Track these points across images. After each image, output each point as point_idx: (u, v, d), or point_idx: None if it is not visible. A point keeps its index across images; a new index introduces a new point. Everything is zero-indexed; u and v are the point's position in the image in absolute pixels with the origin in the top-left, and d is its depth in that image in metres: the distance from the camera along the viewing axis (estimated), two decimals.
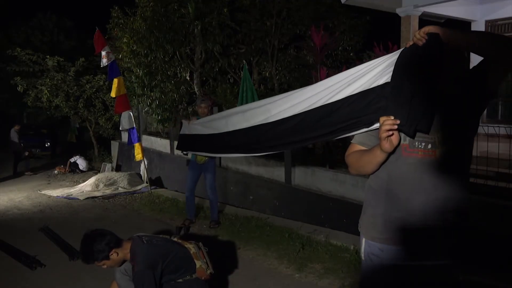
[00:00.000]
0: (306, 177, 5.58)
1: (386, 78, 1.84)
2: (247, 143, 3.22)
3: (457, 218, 1.70)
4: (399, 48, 5.70)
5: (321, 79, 4.95)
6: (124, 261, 2.93)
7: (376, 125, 1.82)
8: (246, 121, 3.19)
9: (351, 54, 9.66)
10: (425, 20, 7.08)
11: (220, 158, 7.38)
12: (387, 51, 4.45)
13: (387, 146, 1.63)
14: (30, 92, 12.70)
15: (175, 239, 3.18)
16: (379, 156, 1.70)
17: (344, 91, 2.15)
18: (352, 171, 1.92)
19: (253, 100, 6.63)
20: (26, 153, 11.63)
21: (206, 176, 5.42)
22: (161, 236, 3.21)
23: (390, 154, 1.70)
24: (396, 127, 1.61)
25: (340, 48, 9.33)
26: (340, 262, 3.90)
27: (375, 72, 1.96)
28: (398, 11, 6.64)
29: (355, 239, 4.38)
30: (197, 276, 2.98)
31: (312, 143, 2.59)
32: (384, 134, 1.61)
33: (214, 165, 5.46)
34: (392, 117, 1.63)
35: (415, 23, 6.57)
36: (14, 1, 23.19)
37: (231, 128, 3.43)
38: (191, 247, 3.08)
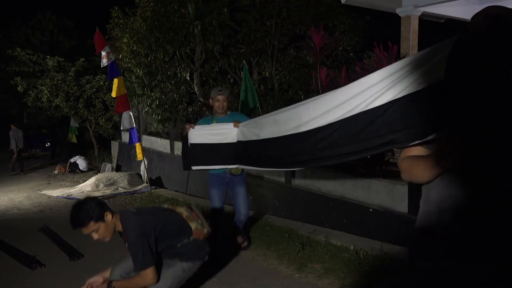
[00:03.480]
0: (306, 177, 5.58)
1: (441, 73, 1.50)
2: (274, 156, 2.98)
3: None
4: (399, 48, 5.72)
5: (321, 79, 4.96)
6: (114, 232, 2.76)
7: (432, 136, 1.53)
8: (277, 127, 2.90)
9: (351, 54, 9.67)
10: (425, 20, 7.09)
11: None
12: (387, 51, 4.45)
13: (446, 164, 1.37)
14: (30, 92, 12.70)
15: (165, 206, 3.14)
16: (434, 169, 1.42)
17: (387, 94, 1.82)
18: (405, 178, 1.60)
19: (253, 100, 6.61)
20: (14, 153, 11.66)
21: (238, 190, 4.22)
22: (150, 206, 3.15)
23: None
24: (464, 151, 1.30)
25: (340, 48, 9.34)
26: (340, 262, 3.89)
27: (427, 67, 1.63)
28: (398, 11, 6.65)
29: (355, 239, 4.38)
30: (194, 237, 2.93)
31: (349, 159, 2.33)
32: (450, 158, 1.33)
33: (245, 175, 4.33)
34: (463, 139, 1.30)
35: (415, 23, 6.58)
36: (14, 1, 23.20)
37: (263, 136, 3.14)
38: (182, 210, 3.01)
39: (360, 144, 2.08)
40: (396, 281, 3.39)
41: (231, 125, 3.79)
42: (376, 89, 1.91)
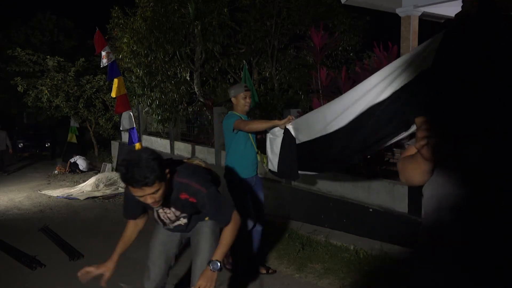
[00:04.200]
0: (306, 177, 5.58)
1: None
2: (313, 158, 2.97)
3: None
4: (399, 48, 5.71)
5: (321, 79, 4.95)
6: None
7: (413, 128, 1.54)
8: (308, 130, 2.94)
9: (351, 54, 9.67)
10: (425, 20, 7.09)
11: (220, 156, 7.37)
12: (387, 51, 4.44)
13: (425, 154, 1.28)
14: (30, 92, 12.70)
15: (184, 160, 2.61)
16: (422, 164, 1.33)
17: (388, 89, 1.88)
18: (401, 180, 1.51)
19: (253, 100, 6.60)
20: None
21: (259, 193, 3.77)
22: (172, 160, 2.41)
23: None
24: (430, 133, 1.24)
25: (340, 48, 9.34)
26: (340, 262, 3.89)
27: (419, 59, 1.64)
28: (398, 11, 6.64)
29: (355, 239, 4.38)
30: None
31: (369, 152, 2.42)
32: (420, 143, 1.26)
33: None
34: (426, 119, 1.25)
35: (415, 23, 6.57)
36: (14, 1, 23.21)
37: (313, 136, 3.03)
38: (199, 162, 2.62)
39: (368, 139, 2.17)
40: (396, 281, 3.39)
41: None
42: (383, 84, 1.95)
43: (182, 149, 8.77)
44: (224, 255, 2.21)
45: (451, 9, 6.60)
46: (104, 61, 7.62)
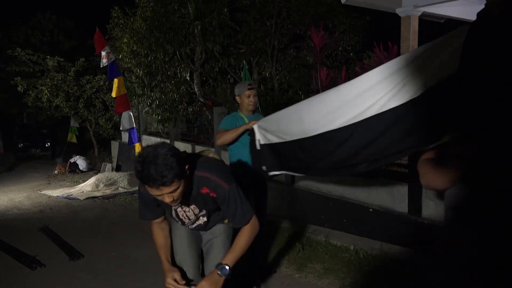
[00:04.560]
0: (306, 177, 5.58)
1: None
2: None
3: None
4: (399, 48, 5.72)
5: (321, 79, 4.95)
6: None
7: (445, 139, 1.38)
8: (283, 133, 2.77)
9: (351, 54, 9.66)
10: (425, 20, 7.08)
11: (220, 156, 7.36)
12: (387, 51, 4.45)
13: (461, 170, 1.20)
14: (30, 92, 12.70)
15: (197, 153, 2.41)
16: (452, 172, 1.26)
17: (403, 92, 1.62)
18: (423, 183, 1.40)
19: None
20: None
21: (262, 193, 3.79)
22: (187, 153, 2.22)
23: None
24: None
25: (340, 48, 9.33)
26: (340, 262, 3.89)
27: (441, 59, 1.45)
28: (398, 11, 6.64)
29: (355, 239, 4.38)
30: None
31: (366, 169, 2.13)
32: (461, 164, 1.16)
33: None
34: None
35: (415, 23, 6.57)
36: (14, 1, 23.22)
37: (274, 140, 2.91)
38: (213, 155, 2.42)
39: (376, 152, 1.88)
40: (396, 281, 3.39)
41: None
42: (390, 84, 1.70)
43: (182, 149, 8.71)
44: (235, 260, 2.07)
45: (451, 9, 6.61)
46: (104, 61, 7.62)
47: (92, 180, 8.80)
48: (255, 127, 3.29)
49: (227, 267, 2.04)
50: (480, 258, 1.27)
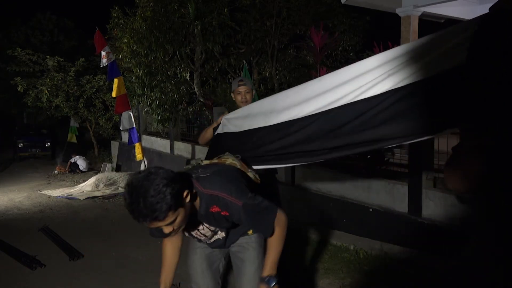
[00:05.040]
0: (306, 177, 5.58)
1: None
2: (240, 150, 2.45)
3: None
4: None
5: None
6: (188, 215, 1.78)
7: (448, 131, 1.37)
8: (251, 119, 2.53)
9: (351, 54, 9.66)
10: (425, 20, 7.09)
11: None
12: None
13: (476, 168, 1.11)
14: (30, 92, 12.71)
15: (207, 162, 2.17)
16: (471, 172, 1.17)
17: (386, 82, 1.60)
18: (450, 187, 1.27)
19: (253, 101, 6.61)
20: None
21: (272, 196, 3.50)
22: (189, 167, 2.07)
23: None
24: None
25: (340, 48, 9.33)
26: (340, 262, 3.89)
27: (441, 51, 1.44)
28: (398, 11, 6.64)
29: (355, 239, 4.38)
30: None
31: (326, 158, 2.05)
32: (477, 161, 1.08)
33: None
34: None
35: (415, 23, 6.58)
36: (14, 1, 23.22)
37: (247, 127, 2.63)
38: (231, 161, 2.18)
39: (340, 140, 1.83)
40: (396, 281, 3.39)
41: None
42: (371, 76, 1.67)
43: (182, 149, 8.77)
44: (276, 264, 1.89)
45: (451, 9, 6.61)
46: (104, 61, 7.62)
47: (92, 180, 8.81)
48: (222, 120, 3.07)
49: (273, 277, 1.86)
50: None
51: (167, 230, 1.66)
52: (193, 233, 2.01)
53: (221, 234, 2.03)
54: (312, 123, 1.97)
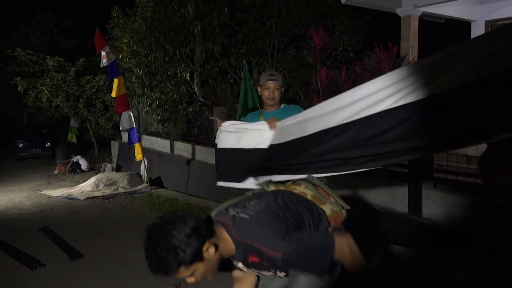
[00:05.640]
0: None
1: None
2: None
3: None
4: (399, 48, 5.71)
5: (321, 79, 4.95)
6: (221, 261, 1.63)
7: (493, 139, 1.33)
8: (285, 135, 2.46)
9: (351, 54, 9.65)
10: (425, 20, 7.09)
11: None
12: (387, 51, 4.44)
13: None
14: (30, 92, 12.71)
15: (273, 188, 1.99)
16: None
17: (419, 91, 1.54)
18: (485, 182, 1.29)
19: (253, 101, 6.61)
20: None
21: None
22: (249, 194, 1.92)
23: None
24: None
25: (340, 48, 9.32)
26: None
27: (480, 57, 1.39)
28: (398, 11, 6.64)
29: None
30: (333, 225, 1.99)
31: (362, 169, 2.06)
32: None
33: None
34: None
35: (415, 23, 6.57)
36: (14, 1, 23.22)
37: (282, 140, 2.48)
38: (303, 190, 1.97)
39: (375, 149, 1.80)
40: (396, 281, 3.39)
41: (265, 125, 2.78)
42: (403, 84, 1.62)
43: (182, 149, 8.77)
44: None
45: (451, 9, 6.61)
46: (104, 61, 7.64)
47: (92, 180, 8.81)
48: (220, 128, 2.92)
49: None
50: None
51: (189, 280, 1.53)
52: (250, 270, 1.76)
53: (280, 274, 1.77)
54: (348, 130, 1.92)
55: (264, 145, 2.68)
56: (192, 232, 1.44)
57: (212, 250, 1.51)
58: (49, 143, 15.24)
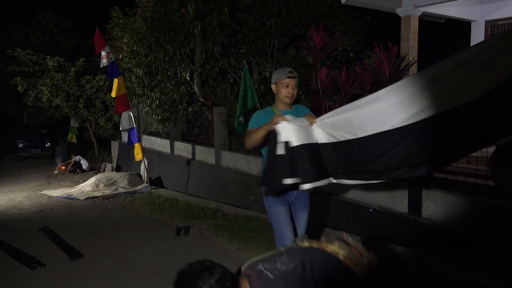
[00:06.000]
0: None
1: None
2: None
3: None
4: (399, 48, 5.71)
5: (321, 79, 4.95)
6: None
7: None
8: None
9: (351, 54, 9.65)
10: (425, 20, 7.09)
11: (220, 156, 7.37)
12: (387, 51, 4.44)
13: None
14: (30, 92, 12.71)
15: (306, 244, 1.99)
16: None
17: (465, 91, 1.59)
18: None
19: (253, 101, 6.60)
20: None
21: (301, 215, 3.07)
22: (282, 250, 1.94)
23: None
24: None
25: (340, 48, 9.32)
26: None
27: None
28: (398, 11, 6.64)
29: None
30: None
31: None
32: None
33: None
34: None
35: (415, 23, 6.58)
36: (14, 1, 23.21)
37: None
38: (336, 249, 1.96)
39: (438, 152, 1.82)
40: (396, 281, 3.39)
41: (305, 121, 2.76)
42: (456, 76, 1.62)
43: (182, 149, 8.77)
44: None
45: (451, 9, 6.61)
46: (104, 61, 7.64)
47: (92, 180, 8.81)
48: (280, 126, 2.61)
49: None
50: None
51: None
52: None
53: None
54: (408, 135, 1.94)
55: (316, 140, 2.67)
56: (216, 285, 1.54)
57: None
58: (49, 143, 15.24)
